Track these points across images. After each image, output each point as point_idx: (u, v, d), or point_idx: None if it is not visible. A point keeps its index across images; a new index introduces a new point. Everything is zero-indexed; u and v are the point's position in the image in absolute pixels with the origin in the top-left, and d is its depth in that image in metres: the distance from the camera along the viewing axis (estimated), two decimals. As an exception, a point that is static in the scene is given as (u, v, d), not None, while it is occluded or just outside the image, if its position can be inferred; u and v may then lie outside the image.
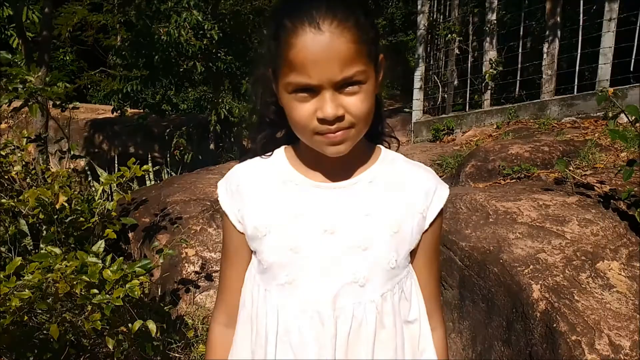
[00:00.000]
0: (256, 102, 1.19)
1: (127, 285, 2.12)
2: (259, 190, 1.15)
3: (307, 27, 0.94)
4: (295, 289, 1.09)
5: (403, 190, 1.14)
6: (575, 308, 2.24)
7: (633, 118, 2.62)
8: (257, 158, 1.20)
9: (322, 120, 0.99)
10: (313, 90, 0.98)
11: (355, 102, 0.99)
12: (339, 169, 1.12)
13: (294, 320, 1.09)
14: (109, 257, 2.28)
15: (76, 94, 11.61)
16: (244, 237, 1.17)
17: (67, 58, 12.42)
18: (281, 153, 1.19)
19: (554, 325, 2.22)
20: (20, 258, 2.12)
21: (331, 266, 1.08)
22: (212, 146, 7.40)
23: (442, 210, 1.17)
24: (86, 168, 4.79)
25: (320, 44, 0.94)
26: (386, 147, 1.23)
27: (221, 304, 1.26)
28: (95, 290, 2.17)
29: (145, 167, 2.85)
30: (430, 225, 1.15)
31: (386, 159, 1.18)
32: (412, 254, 1.17)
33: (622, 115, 2.76)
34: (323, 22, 0.94)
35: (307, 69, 0.95)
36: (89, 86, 12.20)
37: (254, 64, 1.30)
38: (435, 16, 7.46)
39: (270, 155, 1.20)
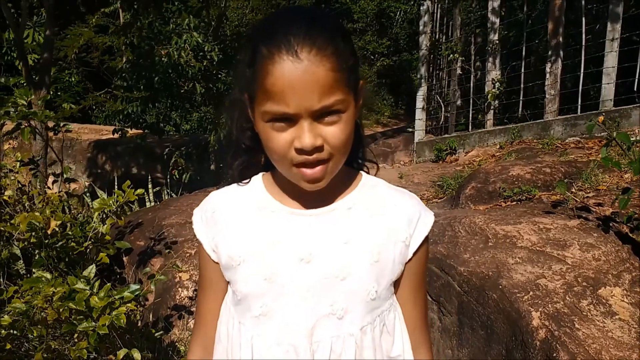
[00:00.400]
0: (232, 127, 1.15)
1: (114, 313, 2.07)
2: (234, 218, 1.10)
3: (284, 55, 0.90)
4: (269, 321, 1.04)
5: (384, 217, 1.08)
6: (576, 337, 2.18)
7: (625, 146, 2.57)
8: (234, 185, 1.16)
9: (299, 150, 0.95)
10: (290, 120, 0.94)
11: (335, 132, 0.95)
12: (316, 195, 1.07)
13: (268, 353, 1.04)
14: (97, 283, 2.23)
15: (81, 115, 11.71)
16: (219, 267, 1.12)
17: (73, 79, 12.52)
18: (258, 180, 1.15)
19: (554, 354, 2.15)
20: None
21: (308, 297, 1.03)
22: (212, 167, 7.39)
23: (426, 237, 1.11)
24: (85, 190, 4.77)
25: (298, 73, 0.90)
26: (366, 172, 1.18)
27: (197, 337, 1.21)
28: (82, 318, 2.12)
29: (138, 191, 2.80)
30: (414, 254, 1.10)
31: (367, 184, 1.13)
32: (396, 284, 1.11)
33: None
34: (301, 50, 0.90)
35: (285, 98, 0.91)
36: (94, 107, 12.27)
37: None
38: (437, 36, 7.47)
39: (247, 183, 1.15)
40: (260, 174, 1.16)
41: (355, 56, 1.00)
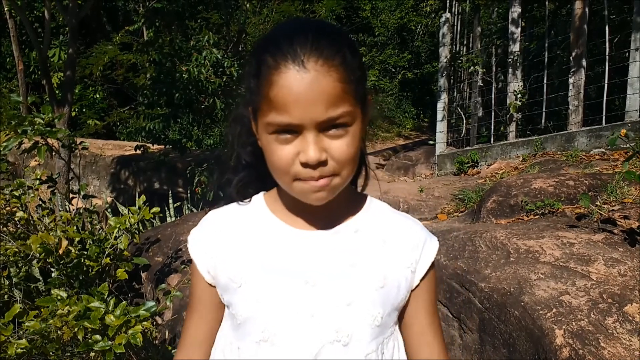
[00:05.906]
0: (233, 142, 1.12)
1: (130, 332, 2.05)
2: (234, 238, 1.06)
3: (290, 65, 0.88)
4: (271, 347, 0.99)
5: (390, 242, 1.05)
6: (602, 356, 2.10)
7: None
8: (234, 204, 1.13)
9: (304, 164, 0.92)
10: (295, 132, 0.91)
11: (340, 146, 0.92)
12: (322, 215, 1.04)
13: None
14: (112, 301, 2.22)
15: (105, 131, 11.86)
16: (213, 290, 1.08)
17: (98, 96, 12.71)
18: (260, 199, 1.11)
19: (578, 374, 2.07)
20: (20, 305, 2.06)
21: (312, 322, 0.99)
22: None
23: (433, 264, 1.09)
24: (107, 206, 4.80)
25: (304, 83, 0.87)
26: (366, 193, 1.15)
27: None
28: (98, 337, 2.10)
29: (154, 209, 2.80)
30: (421, 280, 1.07)
31: (372, 208, 1.10)
32: (400, 313, 1.08)
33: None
34: (308, 60, 0.88)
35: (289, 108, 0.88)
36: (118, 123, 12.44)
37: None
38: (457, 48, 7.42)
39: (248, 202, 1.12)
40: (262, 193, 1.12)
41: (362, 70, 0.96)
